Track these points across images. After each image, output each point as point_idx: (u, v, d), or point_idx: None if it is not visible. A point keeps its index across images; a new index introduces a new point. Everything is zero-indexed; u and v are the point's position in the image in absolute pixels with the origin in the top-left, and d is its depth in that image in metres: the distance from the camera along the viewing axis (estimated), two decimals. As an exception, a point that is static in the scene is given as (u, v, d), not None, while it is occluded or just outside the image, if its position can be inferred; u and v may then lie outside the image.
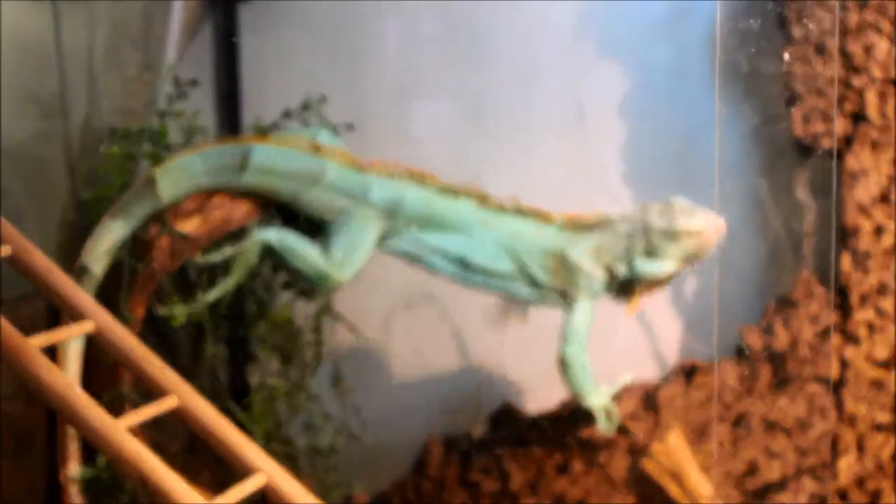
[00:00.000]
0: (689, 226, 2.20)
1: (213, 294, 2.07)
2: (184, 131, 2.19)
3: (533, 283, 2.25)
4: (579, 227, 2.23)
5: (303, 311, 2.27)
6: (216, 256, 2.07)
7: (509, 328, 2.42)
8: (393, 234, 2.15)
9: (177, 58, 2.46)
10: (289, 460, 2.25)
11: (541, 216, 2.21)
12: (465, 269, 2.20)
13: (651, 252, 2.23)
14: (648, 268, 2.23)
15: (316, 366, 2.31)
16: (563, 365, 2.25)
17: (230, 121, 2.47)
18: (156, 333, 2.25)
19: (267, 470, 1.85)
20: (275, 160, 2.07)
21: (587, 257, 2.21)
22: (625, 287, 2.26)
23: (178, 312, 2.09)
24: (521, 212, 2.21)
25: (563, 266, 2.22)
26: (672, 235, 2.21)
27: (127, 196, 2.04)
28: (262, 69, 2.42)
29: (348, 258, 2.10)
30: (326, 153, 2.10)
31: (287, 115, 2.25)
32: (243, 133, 2.35)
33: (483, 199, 2.19)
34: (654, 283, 2.26)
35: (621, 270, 2.23)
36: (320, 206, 2.12)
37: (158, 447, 1.78)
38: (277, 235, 2.09)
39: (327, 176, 2.08)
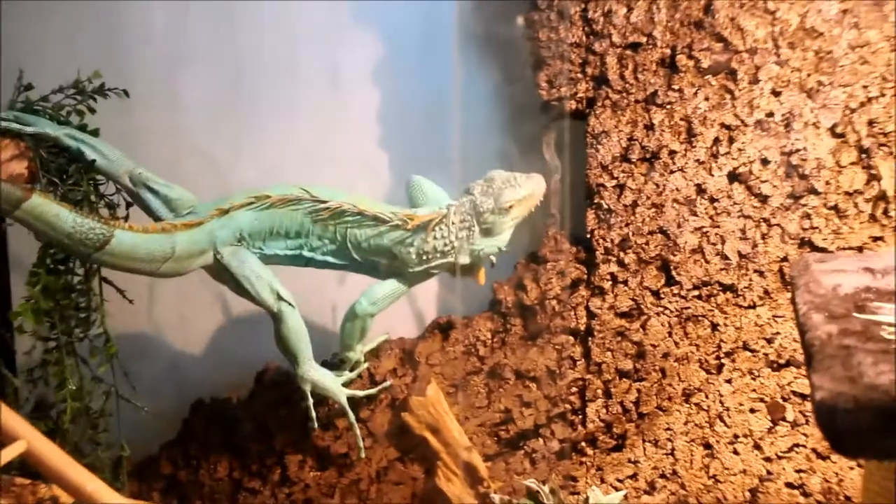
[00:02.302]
0: (517, 194, 2.41)
1: None
2: None
3: (362, 268, 2.47)
4: (415, 226, 2.41)
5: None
6: None
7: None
8: (253, 249, 2.40)
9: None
10: (56, 426, 2.39)
11: (378, 218, 2.39)
12: (308, 263, 2.42)
13: (488, 231, 2.43)
14: (489, 247, 2.45)
15: (85, 330, 2.42)
16: (351, 315, 2.46)
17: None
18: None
19: (28, 437, 1.90)
20: (131, 246, 2.24)
21: (417, 258, 2.43)
22: (469, 266, 2.48)
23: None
24: (359, 213, 2.39)
25: (394, 259, 2.42)
26: (503, 211, 2.41)
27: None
28: (24, 49, 2.48)
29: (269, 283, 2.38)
30: (173, 228, 2.29)
31: (60, 90, 2.38)
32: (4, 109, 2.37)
33: (318, 204, 2.38)
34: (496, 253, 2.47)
35: (463, 260, 2.44)
36: (177, 271, 2.35)
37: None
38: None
39: (177, 250, 2.28)
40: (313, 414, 2.52)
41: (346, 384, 2.59)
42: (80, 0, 2.82)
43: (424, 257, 2.45)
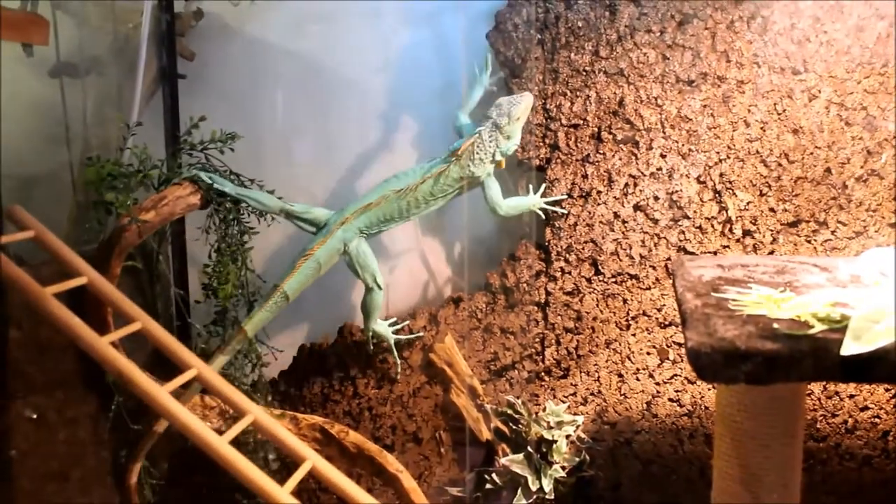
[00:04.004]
0: (521, 107, 2.38)
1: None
2: (137, 158, 2.29)
3: (454, 198, 2.42)
4: (464, 153, 2.38)
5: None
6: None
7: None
8: (372, 236, 2.39)
9: (140, 111, 2.53)
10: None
11: (435, 174, 2.36)
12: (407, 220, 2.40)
13: (508, 137, 2.38)
14: (512, 146, 2.40)
15: (249, 299, 2.42)
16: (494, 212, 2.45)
17: (173, 151, 2.52)
18: (130, 283, 2.37)
19: (198, 366, 1.96)
20: (298, 284, 2.32)
21: (477, 168, 2.39)
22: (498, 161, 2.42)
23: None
24: (428, 178, 2.37)
25: (463, 179, 2.39)
26: (516, 120, 2.37)
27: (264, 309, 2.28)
28: (192, 119, 2.41)
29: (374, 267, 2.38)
30: (311, 252, 2.33)
31: (205, 147, 2.36)
32: (181, 158, 2.38)
33: (398, 190, 2.35)
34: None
35: (498, 157, 2.38)
36: (330, 266, 2.37)
37: (131, 356, 1.86)
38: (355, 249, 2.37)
39: (321, 261, 2.31)
40: (372, 349, 2.54)
41: (396, 332, 2.58)
42: (227, 92, 2.80)
43: (481, 165, 2.40)
